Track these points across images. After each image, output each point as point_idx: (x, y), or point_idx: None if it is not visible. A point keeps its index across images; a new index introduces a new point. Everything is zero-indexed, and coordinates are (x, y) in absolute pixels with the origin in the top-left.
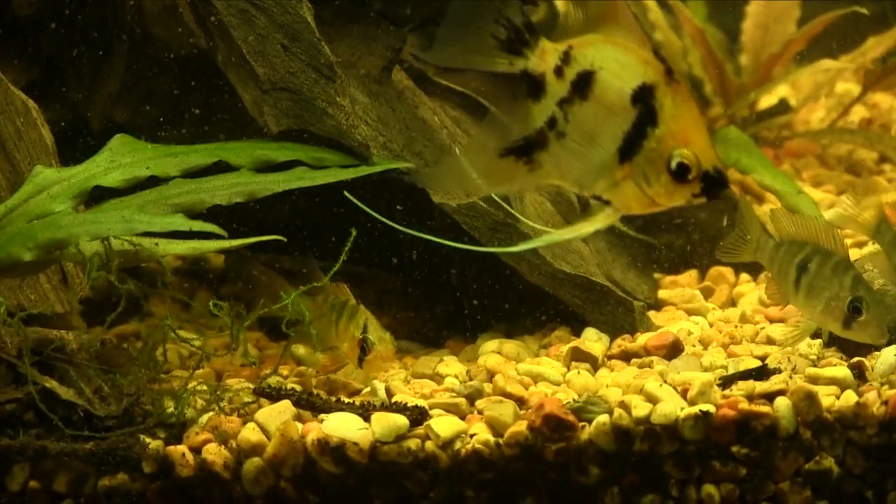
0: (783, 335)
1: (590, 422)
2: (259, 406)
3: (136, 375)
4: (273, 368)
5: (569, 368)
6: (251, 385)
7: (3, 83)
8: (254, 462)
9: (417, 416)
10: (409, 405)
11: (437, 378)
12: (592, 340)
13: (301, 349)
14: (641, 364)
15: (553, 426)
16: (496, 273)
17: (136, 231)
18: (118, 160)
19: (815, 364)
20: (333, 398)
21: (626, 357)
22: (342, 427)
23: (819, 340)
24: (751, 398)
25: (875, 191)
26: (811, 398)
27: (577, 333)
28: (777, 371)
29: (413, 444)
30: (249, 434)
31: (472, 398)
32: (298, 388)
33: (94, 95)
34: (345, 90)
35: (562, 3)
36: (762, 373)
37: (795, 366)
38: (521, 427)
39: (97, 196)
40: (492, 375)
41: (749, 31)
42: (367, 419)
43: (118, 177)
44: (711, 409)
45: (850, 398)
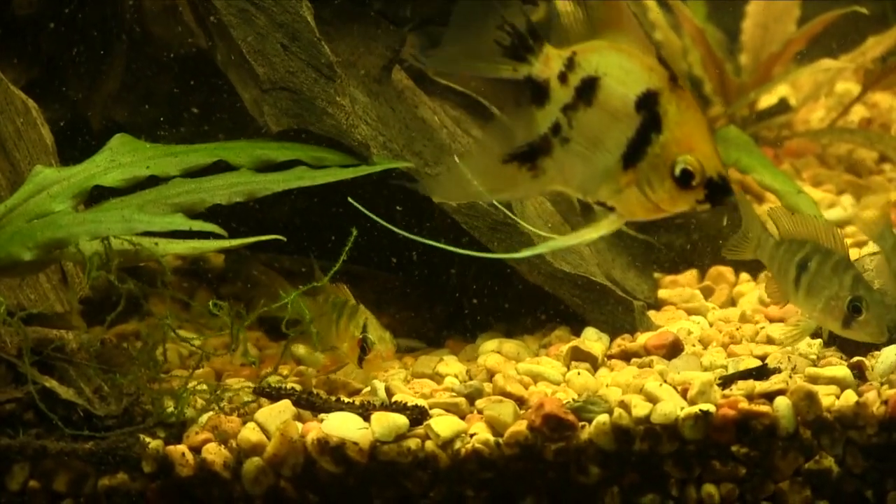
0: (783, 335)
1: (590, 421)
2: (259, 406)
3: (136, 375)
4: (273, 368)
5: (569, 368)
6: (251, 385)
7: (3, 83)
8: (254, 462)
9: (417, 416)
10: (409, 405)
11: (437, 378)
12: (592, 340)
13: (301, 349)
14: (641, 364)
15: (553, 426)
16: (496, 273)
17: (136, 230)
18: (118, 160)
19: (815, 364)
20: (333, 398)
21: (626, 357)
22: (342, 427)
23: (819, 340)
24: (751, 398)
25: (876, 190)
26: (811, 398)
27: (577, 333)
28: (777, 371)
29: (413, 444)
30: (249, 434)
31: (472, 398)
32: (298, 388)
33: (94, 95)
34: (345, 90)
35: (562, 4)
36: (762, 372)
37: (795, 365)
38: (521, 427)
39: (97, 196)
40: (492, 375)
41: (749, 31)
42: (367, 419)
43: (118, 176)
44: (711, 409)
45: (850, 398)
